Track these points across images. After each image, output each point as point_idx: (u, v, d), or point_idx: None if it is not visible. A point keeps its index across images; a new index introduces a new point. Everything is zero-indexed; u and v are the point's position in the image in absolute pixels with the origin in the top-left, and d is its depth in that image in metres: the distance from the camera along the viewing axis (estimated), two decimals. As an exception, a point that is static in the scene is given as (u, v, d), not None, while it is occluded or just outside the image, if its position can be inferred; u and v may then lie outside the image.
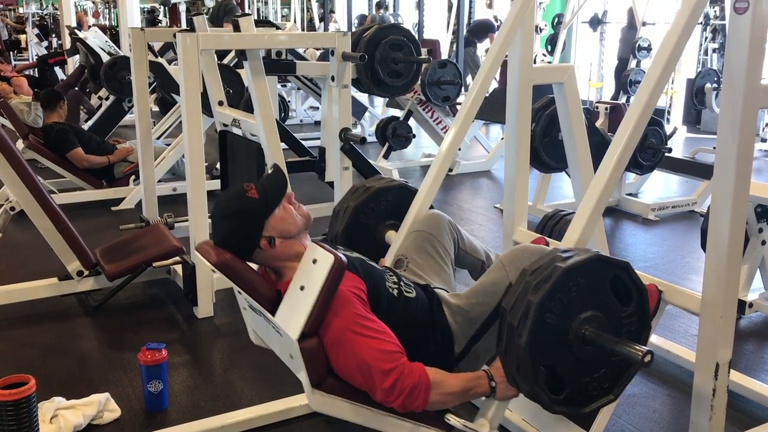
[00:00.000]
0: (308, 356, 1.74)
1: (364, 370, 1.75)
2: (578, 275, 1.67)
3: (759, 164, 6.83)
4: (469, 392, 1.84)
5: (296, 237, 1.94)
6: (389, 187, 2.54)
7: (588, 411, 1.78)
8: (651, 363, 1.61)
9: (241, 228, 1.88)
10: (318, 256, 1.75)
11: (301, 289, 1.76)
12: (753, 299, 3.22)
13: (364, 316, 1.80)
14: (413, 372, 1.76)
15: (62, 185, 5.46)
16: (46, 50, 12.65)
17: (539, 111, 3.83)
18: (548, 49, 9.73)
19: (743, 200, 1.85)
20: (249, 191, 1.89)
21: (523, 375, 1.68)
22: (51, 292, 3.38)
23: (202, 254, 1.87)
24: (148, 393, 2.50)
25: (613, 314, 1.73)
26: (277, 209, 1.91)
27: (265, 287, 1.89)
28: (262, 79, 3.36)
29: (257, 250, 1.89)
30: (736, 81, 1.78)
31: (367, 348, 1.75)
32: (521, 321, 1.63)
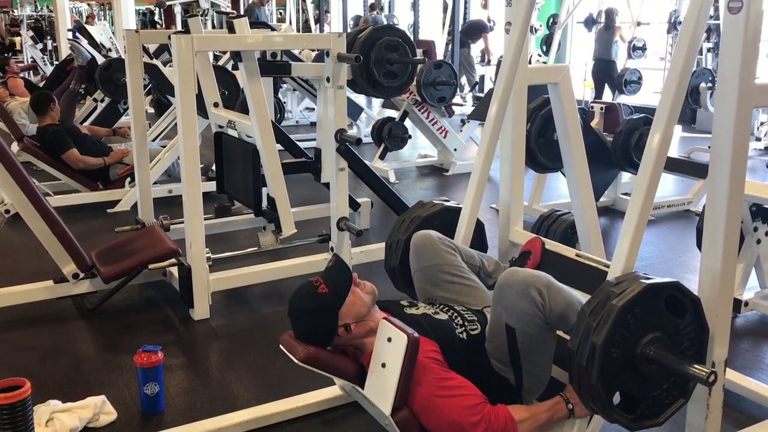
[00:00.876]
0: (402, 426, 1.91)
1: (454, 427, 1.88)
2: (634, 308, 1.73)
3: (754, 163, 6.85)
4: (552, 420, 1.98)
5: (367, 316, 2.06)
6: (433, 212, 2.59)
7: (663, 421, 1.85)
8: (716, 381, 1.71)
9: (319, 323, 2.02)
10: (391, 335, 1.89)
11: (382, 366, 1.91)
12: (748, 298, 3.23)
13: (444, 378, 1.93)
14: (499, 417, 1.89)
15: (57, 188, 5.44)
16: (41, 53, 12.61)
17: (534, 111, 3.83)
18: (543, 49, 9.76)
19: (738, 199, 1.85)
20: (319, 287, 2.02)
21: (599, 406, 1.77)
22: (46, 295, 3.37)
23: (288, 350, 2.02)
24: (144, 395, 2.50)
25: (672, 330, 1.80)
26: (347, 297, 2.03)
27: (350, 366, 2.05)
28: (257, 80, 3.36)
29: (336, 337, 2.03)
30: (730, 80, 1.78)
31: (454, 407, 1.88)
32: (588, 362, 1.72)
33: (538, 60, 9.67)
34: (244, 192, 3.69)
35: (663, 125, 1.95)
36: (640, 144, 4.65)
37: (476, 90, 10.30)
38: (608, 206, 5.23)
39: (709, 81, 7.04)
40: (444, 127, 6.60)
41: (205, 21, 11.68)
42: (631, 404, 1.81)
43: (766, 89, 1.89)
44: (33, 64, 12.07)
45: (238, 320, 3.33)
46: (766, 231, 3.16)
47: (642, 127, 4.64)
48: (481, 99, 7.43)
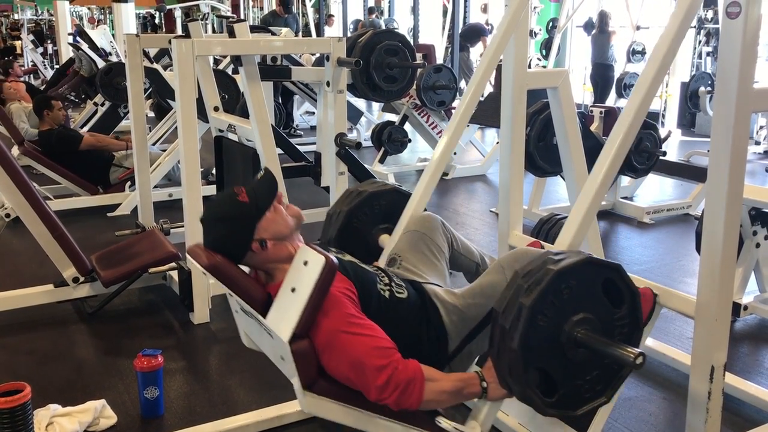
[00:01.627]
0: (299, 358, 1.73)
1: (357, 368, 1.73)
2: (570, 278, 1.66)
3: (753, 167, 6.86)
4: (462, 392, 1.83)
5: (288, 239, 1.93)
6: (382, 191, 2.52)
7: (580, 413, 1.76)
8: (643, 365, 1.60)
9: (232, 232, 1.87)
10: (309, 258, 1.75)
11: (292, 291, 1.76)
12: (748, 302, 3.23)
13: (355, 315, 1.79)
14: (408, 367, 1.74)
15: (58, 191, 5.45)
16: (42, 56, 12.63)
17: (534, 115, 3.84)
18: (543, 53, 9.77)
19: (737, 203, 1.86)
20: (239, 195, 1.89)
21: (515, 377, 1.67)
22: (47, 299, 3.38)
23: (193, 257, 1.87)
24: (144, 399, 2.50)
25: (605, 316, 1.73)
26: (267, 212, 1.91)
27: (257, 290, 1.88)
28: (258, 84, 3.37)
29: (249, 253, 1.89)
30: (728, 85, 1.79)
31: (360, 346, 1.74)
32: (513, 324, 1.63)
33: (537, 64, 9.67)
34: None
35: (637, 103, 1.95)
36: (639, 148, 4.66)
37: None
38: (608, 210, 5.23)
39: (709, 85, 7.05)
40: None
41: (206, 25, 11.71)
42: (550, 387, 1.71)
43: (765, 94, 1.90)
44: (33, 68, 12.09)
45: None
46: (765, 235, 3.17)
47: (641, 131, 4.64)
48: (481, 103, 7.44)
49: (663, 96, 8.22)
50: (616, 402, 2.42)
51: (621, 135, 1.96)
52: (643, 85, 1.95)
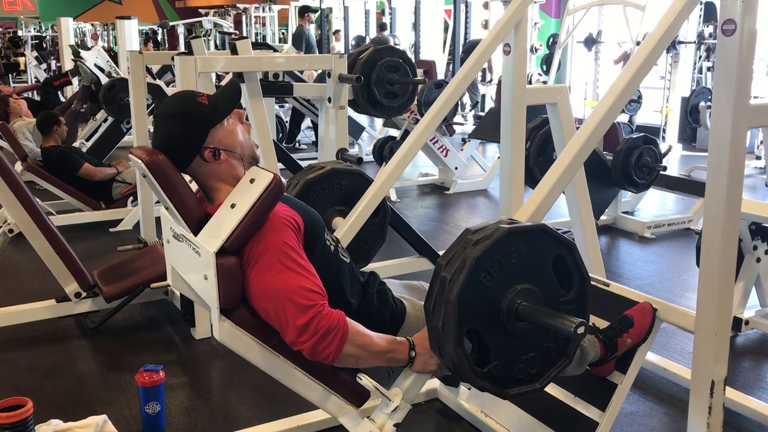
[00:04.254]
0: (223, 275, 1.62)
1: (279, 302, 1.64)
2: (521, 242, 1.62)
3: (754, 182, 6.87)
4: (386, 354, 1.74)
5: (241, 160, 1.81)
6: (345, 171, 2.47)
7: (510, 395, 1.69)
8: (584, 335, 1.55)
9: (184, 131, 1.76)
10: (256, 176, 1.67)
11: (231, 206, 1.66)
12: (749, 316, 3.23)
13: (293, 248, 1.68)
14: (332, 315, 1.65)
15: (60, 207, 5.47)
16: (45, 72, 12.71)
17: (534, 131, 3.86)
18: (543, 69, 9.81)
19: (735, 218, 1.87)
20: (199, 96, 1.80)
21: (447, 334, 1.59)
22: (49, 314, 3.39)
23: (135, 155, 1.74)
24: (145, 414, 2.50)
25: (551, 295, 1.68)
26: (225, 121, 1.81)
27: (195, 204, 1.76)
28: (260, 101, 3.40)
29: (197, 159, 1.77)
30: (725, 101, 1.81)
31: (288, 279, 1.63)
32: (455, 275, 1.56)
33: (538, 80, 9.72)
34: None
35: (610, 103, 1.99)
36: (640, 163, 4.68)
37: (477, 109, 10.36)
38: (609, 224, 5.24)
39: (709, 100, 7.07)
40: (445, 145, 6.64)
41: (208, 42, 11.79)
42: (483, 357, 1.65)
43: (761, 109, 1.92)
44: (36, 84, 12.15)
45: (240, 339, 3.33)
46: (766, 249, 3.17)
47: (642, 146, 4.67)
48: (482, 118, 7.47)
49: (664, 111, 8.25)
50: (617, 417, 2.42)
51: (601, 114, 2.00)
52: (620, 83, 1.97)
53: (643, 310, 2.16)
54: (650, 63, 1.97)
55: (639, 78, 1.98)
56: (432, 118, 2.64)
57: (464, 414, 2.55)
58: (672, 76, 8.06)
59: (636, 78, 1.97)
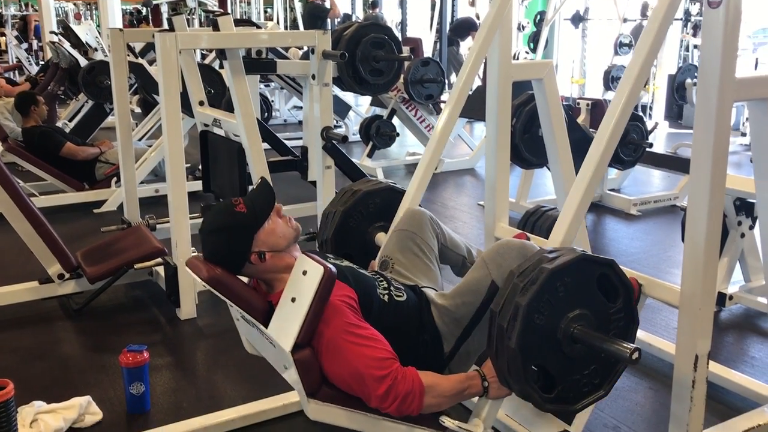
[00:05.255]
0: (302, 367, 1.76)
1: (357, 378, 1.76)
2: (565, 275, 1.68)
3: (739, 158, 6.89)
4: (463, 393, 1.86)
5: (286, 250, 1.94)
6: (376, 189, 2.54)
7: (579, 408, 1.79)
8: (639, 360, 1.63)
9: (230, 243, 1.88)
10: (308, 268, 1.76)
11: (292, 300, 1.78)
12: (733, 291, 3.25)
13: (356, 324, 1.81)
14: (407, 377, 1.77)
15: (43, 188, 5.41)
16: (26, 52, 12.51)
17: (519, 107, 3.83)
18: (531, 46, 9.76)
19: (720, 193, 1.86)
20: (237, 206, 1.89)
21: (514, 376, 1.70)
22: (32, 296, 3.36)
23: (193, 270, 1.87)
24: (129, 395, 2.49)
25: (600, 311, 1.75)
26: (266, 223, 1.91)
27: (257, 300, 1.89)
28: (242, 78, 3.35)
29: (247, 264, 1.89)
30: (710, 75, 1.79)
31: (360, 356, 1.76)
32: (510, 323, 1.65)
33: (525, 57, 9.67)
34: (230, 191, 3.68)
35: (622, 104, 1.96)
36: (625, 140, 4.67)
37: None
38: (595, 202, 5.25)
39: (695, 77, 7.07)
40: (432, 124, 6.60)
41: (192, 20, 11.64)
42: (549, 383, 1.74)
43: (747, 83, 1.90)
44: (18, 64, 11.98)
45: (225, 319, 3.29)
46: (750, 225, 3.19)
47: (628, 123, 4.64)
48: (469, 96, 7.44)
49: (651, 88, 8.24)
50: (602, 392, 2.43)
51: (609, 129, 1.95)
52: (628, 81, 1.94)
53: (628, 286, 2.16)
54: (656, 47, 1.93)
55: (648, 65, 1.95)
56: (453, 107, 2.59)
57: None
58: (659, 54, 8.05)
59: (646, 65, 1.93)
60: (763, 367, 2.80)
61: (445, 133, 2.58)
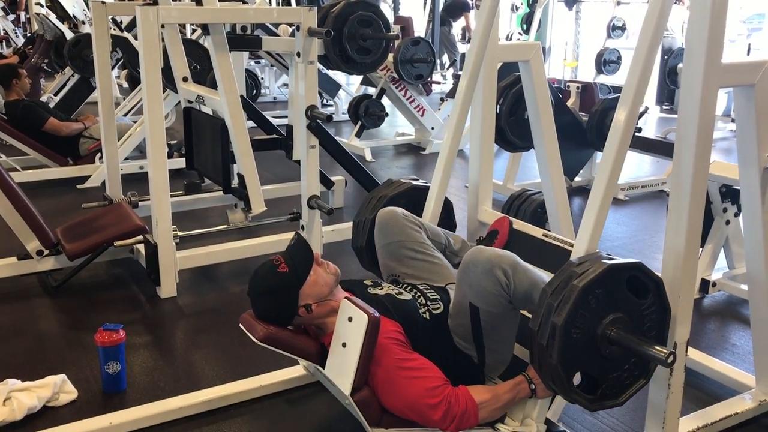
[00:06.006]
0: (362, 406, 1.90)
1: (414, 409, 1.88)
2: (595, 288, 1.72)
3: (729, 144, 6.88)
4: (513, 400, 1.97)
5: (329, 296, 2.03)
6: (401, 191, 2.57)
7: (625, 400, 1.85)
8: (675, 362, 1.72)
9: (278, 303, 2.00)
10: (353, 315, 1.87)
11: (343, 346, 1.90)
12: (717, 278, 3.25)
13: (404, 358, 1.92)
14: (459, 400, 1.88)
15: (26, 162, 5.34)
16: (13, 24, 12.32)
17: (505, 89, 3.79)
18: (524, 28, 9.69)
19: (702, 180, 1.84)
20: (279, 266, 1.99)
21: (559, 386, 1.77)
22: (10, 272, 3.32)
23: (248, 329, 1.99)
24: (105, 374, 2.46)
25: (633, 310, 1.79)
26: (308, 276, 2.00)
27: (311, 345, 2.04)
28: (226, 54, 3.29)
29: (296, 317, 2.01)
30: (696, 59, 1.76)
31: (412, 388, 1.88)
32: (549, 342, 1.71)
33: (518, 39, 9.60)
34: (213, 169, 3.64)
35: (629, 103, 1.92)
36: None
37: (456, 68, 10.24)
38: (583, 186, 5.23)
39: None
40: (421, 105, 6.56)
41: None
42: (592, 385, 1.81)
43: (732, 69, 1.87)
44: (4, 36, 11.80)
45: (206, 299, 3.29)
46: (735, 212, 3.17)
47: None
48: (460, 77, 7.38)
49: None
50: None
51: (623, 121, 1.93)
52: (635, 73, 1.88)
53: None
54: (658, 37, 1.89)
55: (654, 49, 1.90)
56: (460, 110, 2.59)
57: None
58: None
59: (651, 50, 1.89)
60: (744, 355, 2.80)
61: (461, 122, 2.60)
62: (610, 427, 2.31)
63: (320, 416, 2.36)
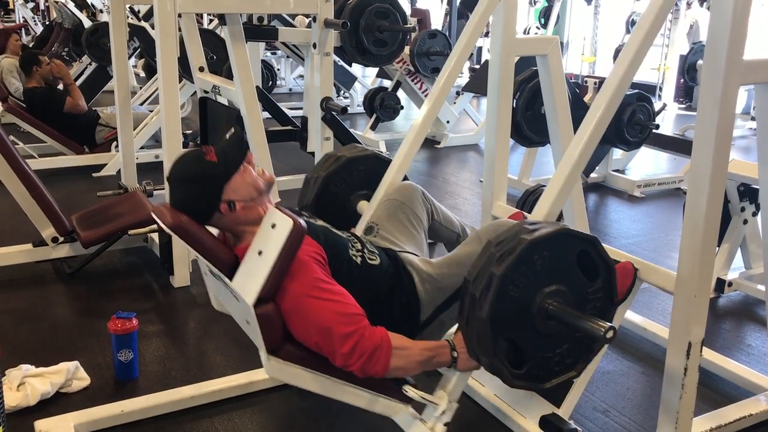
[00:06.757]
0: (264, 322, 1.70)
1: (323, 334, 1.71)
2: (543, 248, 1.62)
3: (748, 143, 6.80)
4: (431, 360, 1.81)
5: (257, 201, 1.88)
6: (361, 156, 2.47)
7: (549, 386, 1.74)
8: (614, 339, 1.56)
9: (199, 192, 1.82)
10: (277, 221, 1.71)
11: (258, 254, 1.72)
12: (733, 278, 3.21)
13: (323, 280, 1.75)
14: (374, 335, 1.72)
15: (43, 150, 5.38)
16: (32, 12, 12.40)
17: (522, 84, 3.77)
18: (542, 22, 9.63)
19: (721, 178, 1.81)
20: (207, 154, 1.83)
21: (483, 347, 1.64)
22: (25, 258, 3.34)
23: (158, 216, 1.79)
24: (118, 362, 2.47)
25: (578, 289, 1.69)
26: (237, 172, 1.85)
27: (223, 252, 1.84)
28: (242, 45, 3.29)
29: (216, 214, 1.84)
30: (717, 56, 1.73)
31: (326, 311, 1.71)
32: (483, 293, 1.59)
33: (536, 33, 9.55)
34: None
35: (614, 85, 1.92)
36: (632, 120, 4.60)
37: (472, 61, 10.19)
38: (598, 182, 5.19)
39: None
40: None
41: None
42: (519, 359, 1.69)
43: (755, 66, 1.84)
44: (24, 23, 11.88)
45: (219, 288, 3.30)
46: (753, 211, 3.13)
47: (635, 103, 4.58)
48: (476, 71, 7.34)
49: (661, 68, 8.12)
50: (594, 376, 2.41)
51: (603, 105, 1.90)
52: (627, 55, 1.89)
53: (624, 269, 2.13)
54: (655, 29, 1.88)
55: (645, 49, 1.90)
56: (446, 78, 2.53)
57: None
58: (671, 33, 7.91)
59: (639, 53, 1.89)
60: (759, 356, 2.77)
61: (437, 105, 2.52)
62: (622, 426, 2.29)
63: (331, 408, 2.36)
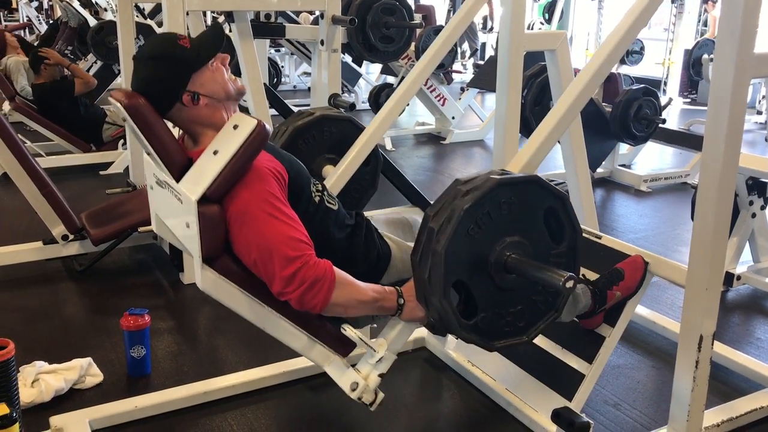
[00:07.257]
0: (205, 223, 1.59)
1: (265, 252, 1.62)
2: (512, 193, 1.58)
3: (754, 137, 6.80)
4: (375, 304, 1.73)
5: (222, 103, 1.77)
6: (335, 117, 2.41)
7: (496, 347, 1.68)
8: (573, 289, 1.51)
9: (164, 74, 1.72)
10: (240, 123, 1.62)
11: (214, 153, 1.63)
12: (741, 272, 3.22)
13: (278, 198, 1.66)
14: (319, 265, 1.63)
15: (50, 148, 5.40)
16: (36, 11, 12.42)
17: (531, 79, 3.77)
18: (546, 17, 9.63)
19: (732, 172, 1.82)
20: (181, 39, 1.74)
21: (433, 285, 1.56)
22: (35, 256, 3.36)
23: (115, 97, 1.69)
24: (130, 358, 2.49)
25: (541, 247, 1.66)
26: (207, 66, 1.75)
27: (176, 149, 1.73)
28: (250, 41, 3.30)
29: (177, 104, 1.73)
30: (728, 49, 1.74)
31: (274, 230, 1.61)
32: (443, 226, 1.53)
33: (540, 28, 9.54)
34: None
35: None
36: (639, 115, 4.60)
37: (477, 57, 10.19)
38: (605, 177, 5.19)
39: (713, 52, 6.94)
40: (442, 94, 6.53)
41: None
42: (470, 310, 1.63)
43: (766, 59, 1.85)
44: (28, 22, 11.90)
45: (229, 285, 3.31)
46: (762, 205, 3.14)
47: (642, 98, 4.58)
48: (481, 66, 7.34)
49: (666, 63, 8.11)
50: (604, 369, 2.41)
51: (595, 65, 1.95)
52: None
53: (634, 263, 2.13)
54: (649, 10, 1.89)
55: (638, 26, 1.91)
56: (426, 63, 2.57)
57: (451, 363, 2.54)
58: (676, 28, 7.90)
59: (635, 26, 1.90)
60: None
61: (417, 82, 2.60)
62: (633, 419, 2.30)
63: (343, 403, 2.36)
